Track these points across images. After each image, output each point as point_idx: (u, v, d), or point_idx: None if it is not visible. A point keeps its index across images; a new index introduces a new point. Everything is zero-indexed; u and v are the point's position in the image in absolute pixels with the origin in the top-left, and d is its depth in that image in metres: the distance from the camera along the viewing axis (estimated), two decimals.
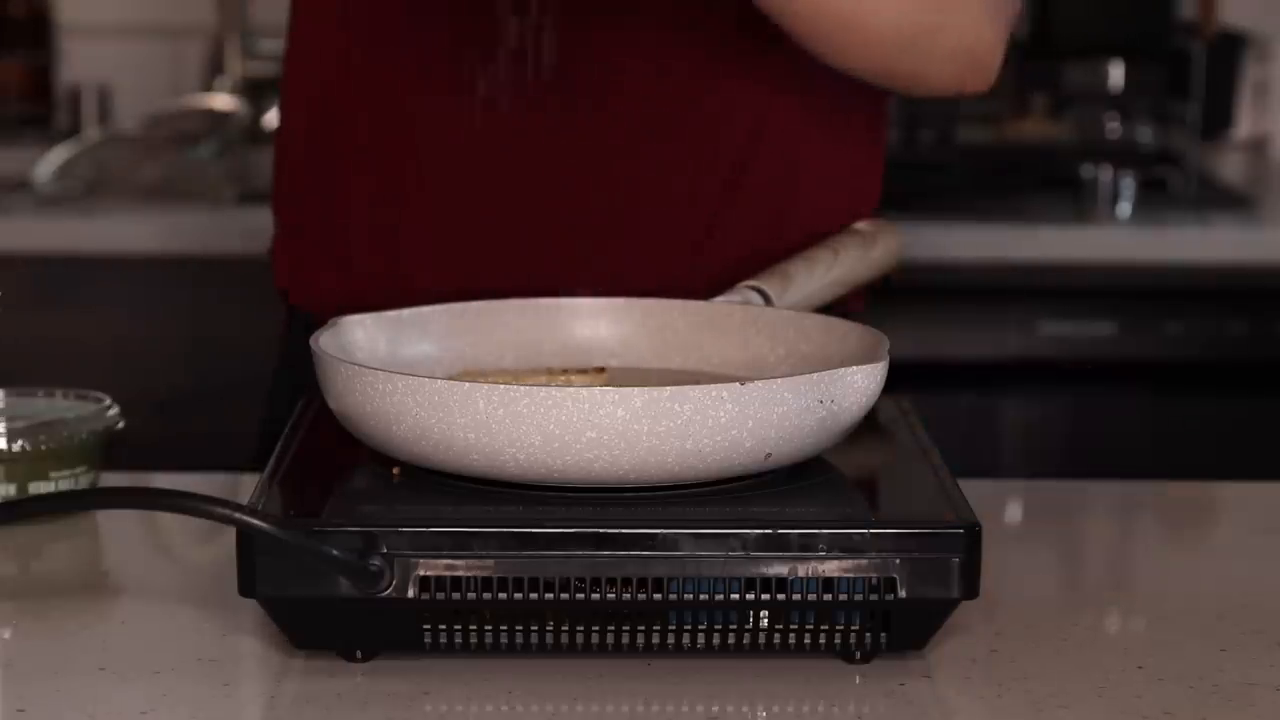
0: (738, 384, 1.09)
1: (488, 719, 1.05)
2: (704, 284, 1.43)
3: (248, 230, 2.48)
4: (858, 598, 1.07)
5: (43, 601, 1.21)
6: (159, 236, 2.60)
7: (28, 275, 2.56)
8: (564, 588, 1.06)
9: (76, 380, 1.45)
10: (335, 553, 1.05)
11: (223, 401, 2.37)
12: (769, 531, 1.06)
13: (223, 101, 2.97)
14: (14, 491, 1.30)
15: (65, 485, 1.32)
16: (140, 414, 1.40)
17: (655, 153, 1.47)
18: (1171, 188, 2.76)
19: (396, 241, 1.49)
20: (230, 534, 1.08)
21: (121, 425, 1.36)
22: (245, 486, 1.35)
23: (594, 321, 1.31)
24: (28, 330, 2.54)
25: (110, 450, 1.37)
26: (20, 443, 1.30)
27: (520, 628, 1.08)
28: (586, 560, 1.06)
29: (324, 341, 1.18)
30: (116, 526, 1.33)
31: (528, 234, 1.47)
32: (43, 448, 1.31)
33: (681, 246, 1.49)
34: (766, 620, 1.08)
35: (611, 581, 1.06)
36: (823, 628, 1.08)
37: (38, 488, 1.31)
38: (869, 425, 1.17)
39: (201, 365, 2.64)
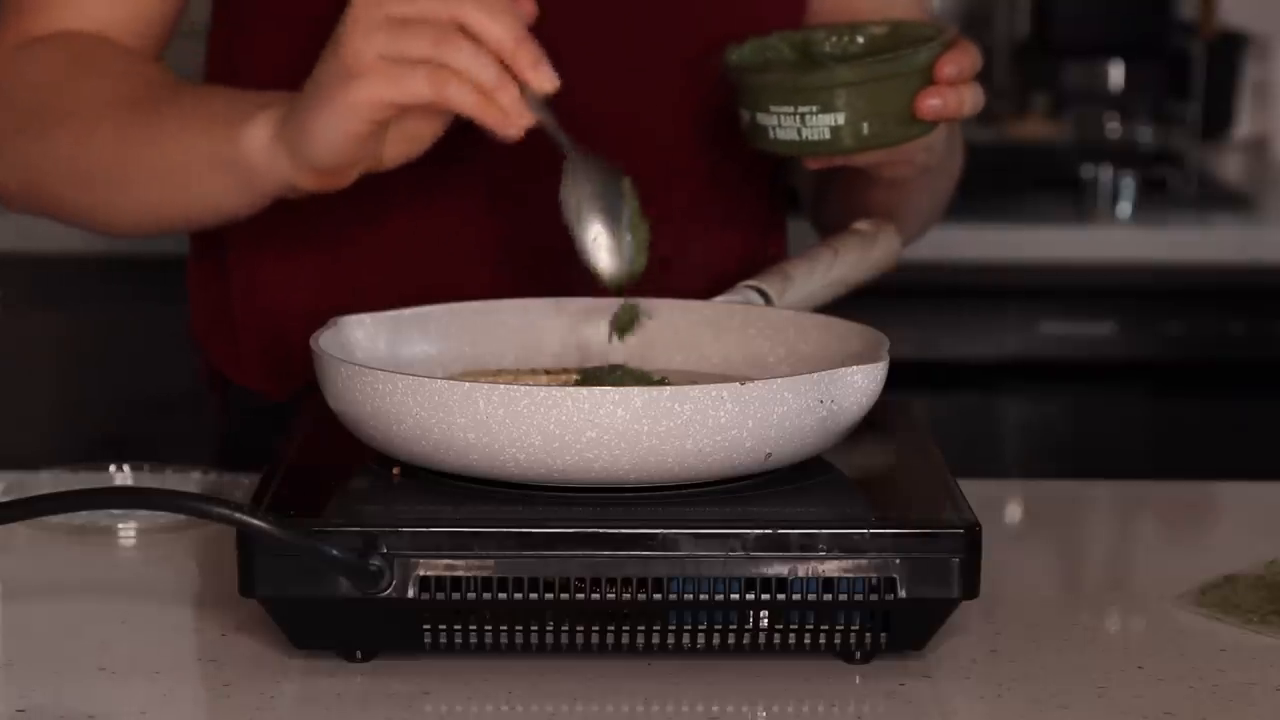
0: (738, 384, 1.09)
1: (488, 719, 1.05)
2: (703, 280, 1.44)
3: None
4: (858, 598, 1.07)
5: (44, 601, 1.21)
6: (158, 236, 2.59)
7: (28, 275, 2.56)
8: (564, 588, 1.06)
9: (76, 380, 1.44)
10: (335, 553, 1.05)
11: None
12: (769, 531, 1.06)
13: None
14: None
15: None
16: (140, 414, 1.40)
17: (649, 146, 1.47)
18: (1171, 188, 2.76)
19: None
20: (230, 534, 1.08)
21: None
22: (245, 486, 1.35)
23: (594, 321, 1.31)
24: (28, 330, 2.53)
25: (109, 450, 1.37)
26: None
27: (520, 628, 1.08)
28: (586, 560, 1.06)
29: (324, 341, 1.18)
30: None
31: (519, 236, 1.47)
32: None
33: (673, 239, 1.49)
34: (766, 620, 1.08)
35: (611, 581, 1.06)
36: (823, 628, 1.08)
37: None
38: (869, 425, 1.17)
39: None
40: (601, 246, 1.23)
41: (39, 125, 1.39)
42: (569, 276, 1.44)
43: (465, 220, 1.46)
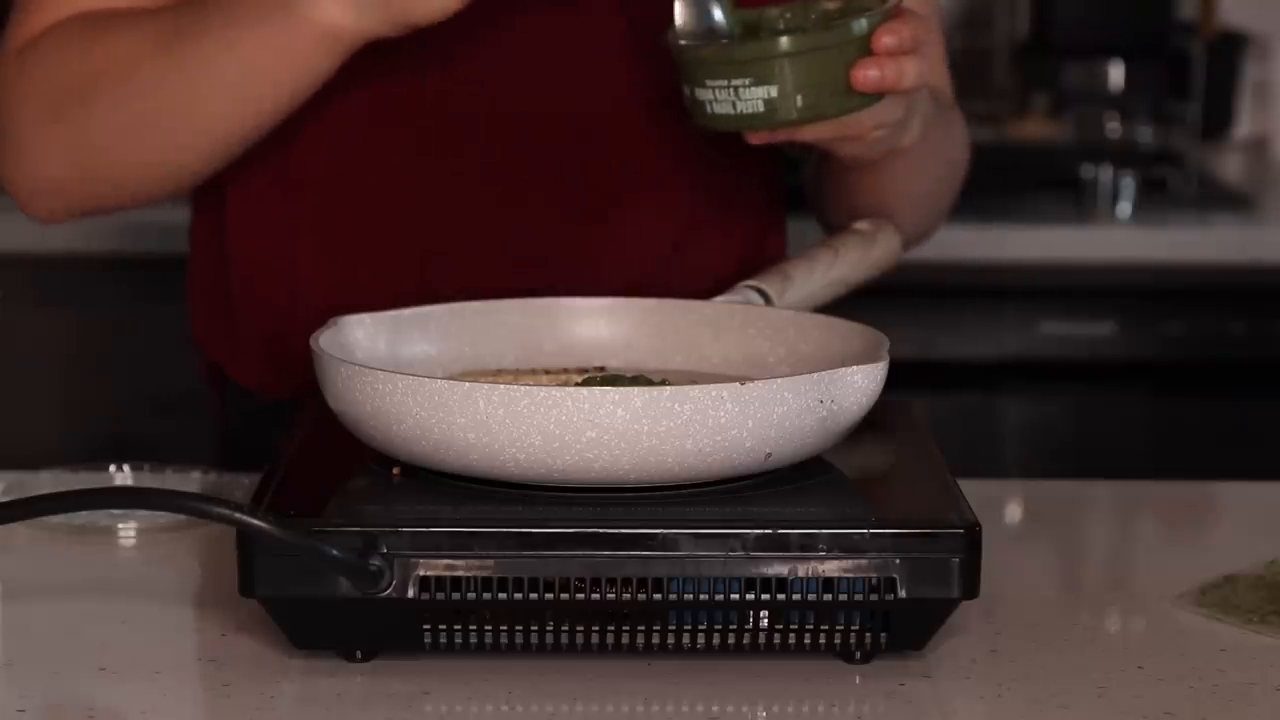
0: (738, 384, 1.09)
1: (488, 719, 1.05)
2: (703, 280, 1.44)
3: None
4: (858, 598, 1.07)
5: (44, 601, 1.21)
6: (158, 235, 2.60)
7: (28, 275, 2.56)
8: (564, 588, 1.06)
9: (76, 380, 1.44)
10: (335, 553, 1.05)
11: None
12: (769, 531, 1.06)
13: None
14: None
15: None
16: (140, 414, 1.40)
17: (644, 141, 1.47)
18: (1171, 188, 2.76)
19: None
20: (230, 534, 1.08)
21: None
22: (245, 486, 1.35)
23: (594, 321, 1.31)
24: (29, 330, 2.53)
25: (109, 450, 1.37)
26: None
27: (520, 628, 1.08)
28: (586, 560, 1.06)
29: (324, 341, 1.18)
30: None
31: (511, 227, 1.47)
32: None
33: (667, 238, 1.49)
34: (766, 620, 1.08)
35: (611, 581, 1.06)
36: (823, 628, 1.08)
37: None
38: (869, 425, 1.17)
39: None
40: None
41: (75, 99, 1.37)
42: (571, 277, 1.44)
43: (466, 220, 1.46)
